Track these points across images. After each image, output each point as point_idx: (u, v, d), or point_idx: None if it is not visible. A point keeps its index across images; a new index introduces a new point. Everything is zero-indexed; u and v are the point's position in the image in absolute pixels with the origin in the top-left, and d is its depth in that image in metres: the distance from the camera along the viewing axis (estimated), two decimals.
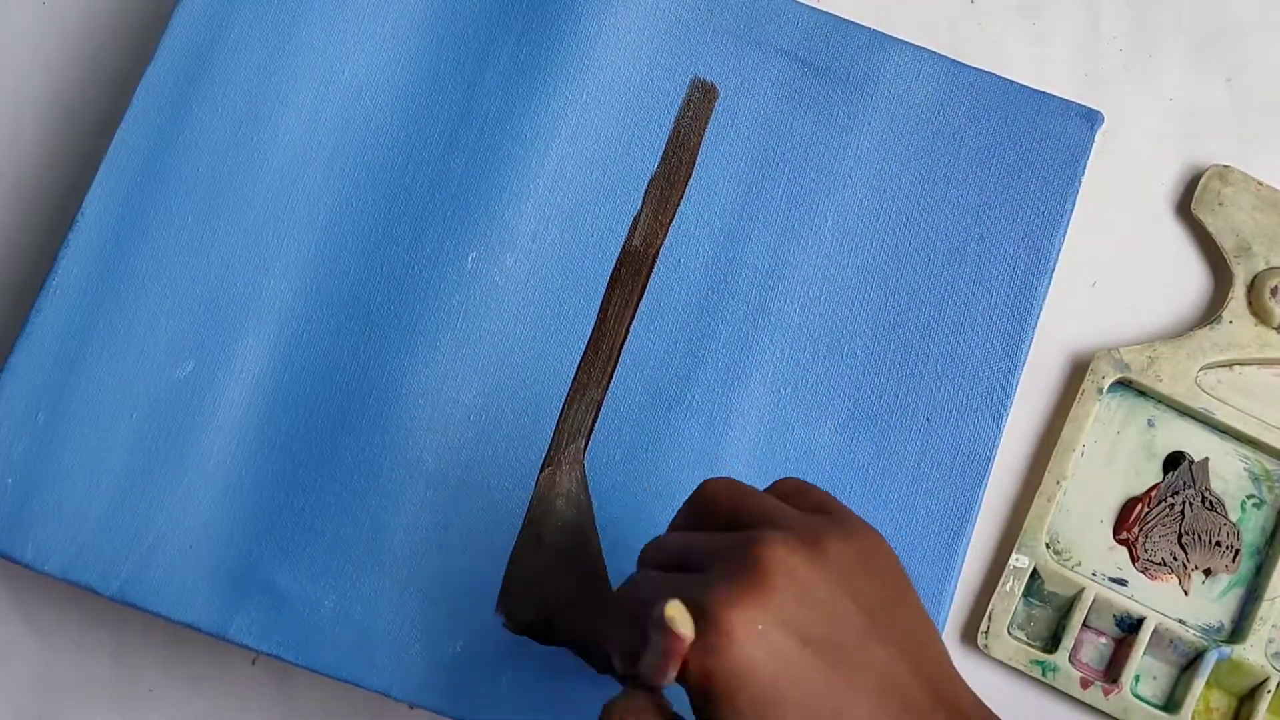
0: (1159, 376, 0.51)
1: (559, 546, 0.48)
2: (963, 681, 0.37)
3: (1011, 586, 0.50)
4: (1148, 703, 0.50)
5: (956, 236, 0.50)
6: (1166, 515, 0.51)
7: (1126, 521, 0.51)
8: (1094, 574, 0.51)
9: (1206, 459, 0.51)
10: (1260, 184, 0.53)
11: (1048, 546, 0.51)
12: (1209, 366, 0.51)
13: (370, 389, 0.49)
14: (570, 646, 0.47)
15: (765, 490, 0.40)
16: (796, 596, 0.35)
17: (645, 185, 0.51)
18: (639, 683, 0.36)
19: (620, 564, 0.47)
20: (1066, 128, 0.51)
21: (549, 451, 0.48)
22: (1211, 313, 0.52)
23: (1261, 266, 0.52)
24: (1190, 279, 0.53)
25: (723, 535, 0.37)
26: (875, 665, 0.35)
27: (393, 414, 0.48)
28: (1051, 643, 0.50)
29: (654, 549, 0.39)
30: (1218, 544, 0.51)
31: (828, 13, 0.52)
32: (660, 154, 0.51)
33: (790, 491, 0.39)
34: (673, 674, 0.34)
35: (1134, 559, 0.51)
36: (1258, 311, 0.51)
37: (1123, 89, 0.55)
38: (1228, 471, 0.51)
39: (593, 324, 0.50)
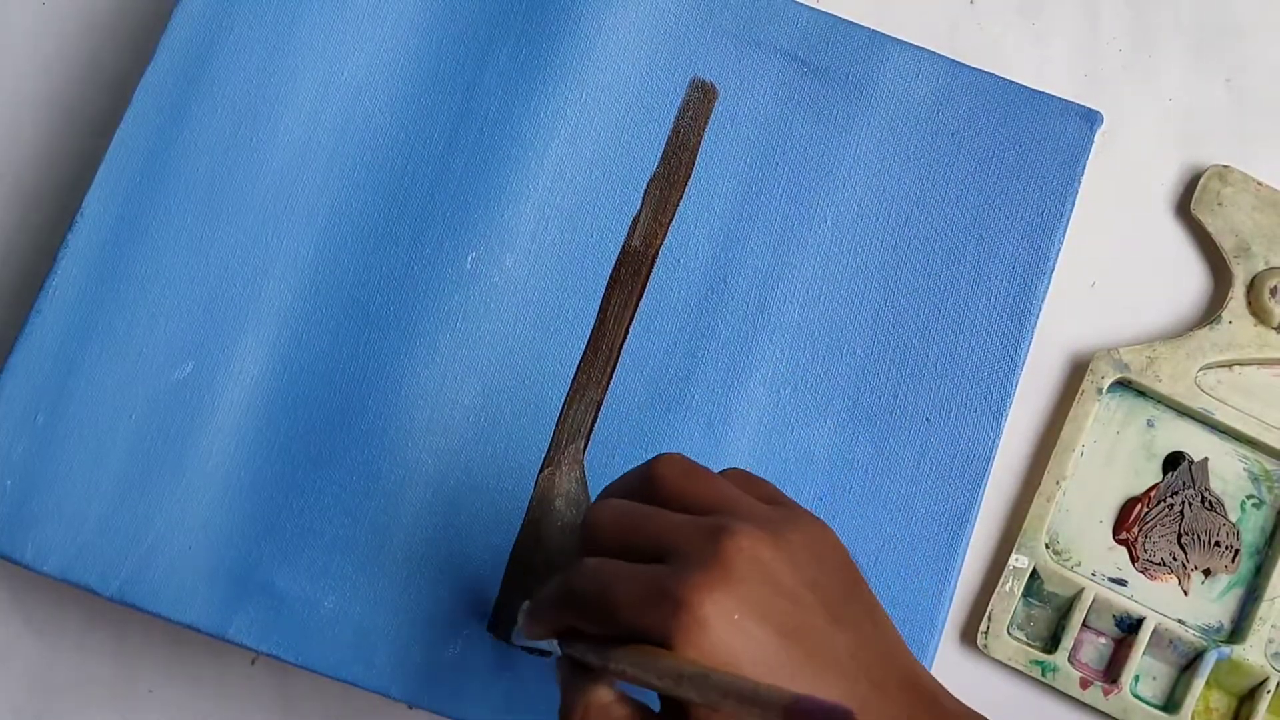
0: (1158, 377, 0.51)
1: (559, 547, 0.48)
2: (919, 664, 0.38)
3: (1011, 586, 0.50)
4: (1147, 703, 0.50)
5: (956, 237, 0.50)
6: (1166, 515, 0.51)
7: (1126, 521, 0.51)
8: (1093, 574, 0.51)
9: (1206, 459, 0.51)
10: (1260, 184, 0.53)
11: (1047, 546, 0.51)
12: (1208, 367, 0.51)
13: (369, 390, 0.49)
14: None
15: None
16: (766, 586, 0.35)
17: (645, 185, 0.51)
18: (577, 660, 0.36)
19: None
20: (1066, 128, 0.51)
21: (549, 452, 0.48)
22: (1211, 313, 0.52)
23: (1261, 267, 0.52)
24: (1190, 279, 0.53)
25: (684, 519, 0.37)
26: (840, 651, 0.36)
27: (392, 415, 0.48)
28: (1051, 643, 0.50)
29: (606, 521, 0.38)
30: (1217, 544, 0.51)
31: (827, 13, 0.52)
32: (660, 154, 0.51)
33: (740, 481, 0.40)
34: None
35: (1133, 559, 0.51)
36: (1257, 312, 0.51)
37: (1122, 89, 0.55)
38: (1227, 471, 0.51)
39: (592, 324, 0.50)
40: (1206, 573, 0.51)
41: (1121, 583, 0.51)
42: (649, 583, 0.35)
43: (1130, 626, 0.50)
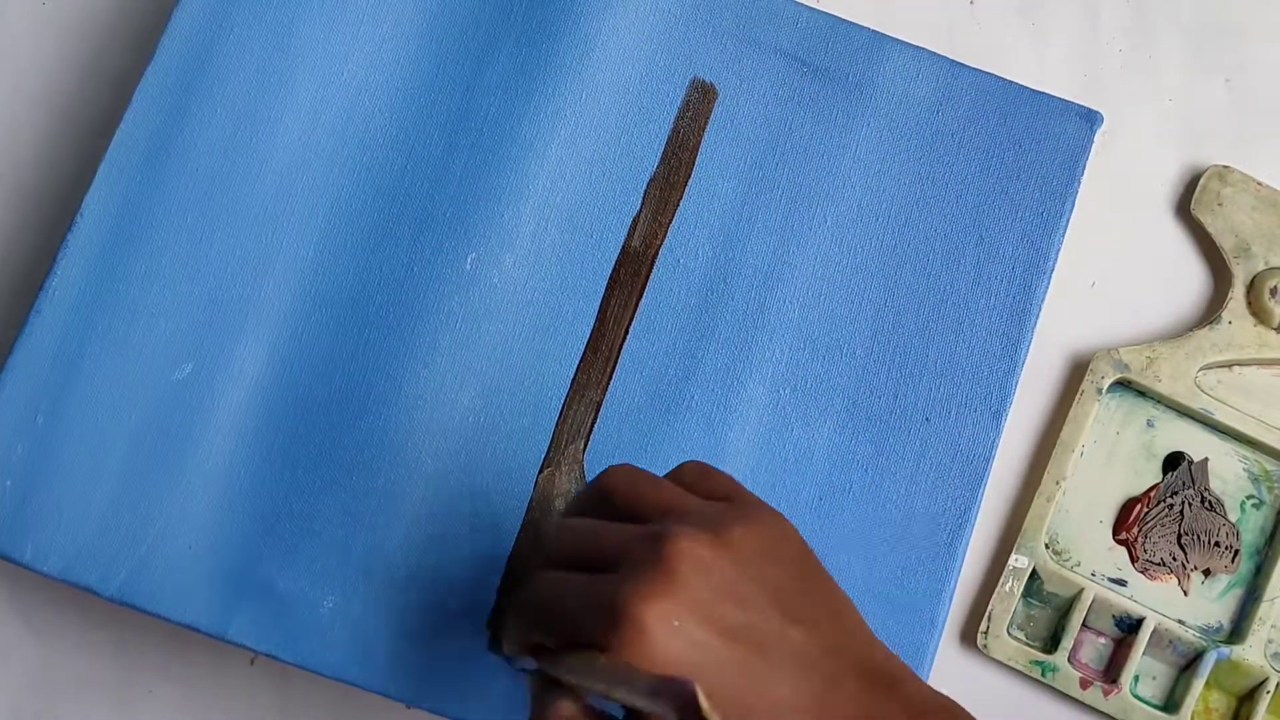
0: (1158, 377, 0.51)
1: None
2: (881, 647, 0.38)
3: (1011, 587, 0.50)
4: (1147, 703, 0.50)
5: (956, 236, 0.50)
6: (1166, 515, 0.51)
7: (1126, 522, 0.51)
8: (1093, 574, 0.51)
9: (1206, 459, 0.51)
10: (1260, 184, 0.53)
11: (1047, 547, 0.51)
12: (1208, 367, 0.51)
13: (369, 390, 0.49)
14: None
15: (667, 475, 0.40)
16: (708, 587, 0.35)
17: (645, 186, 0.51)
18: (545, 674, 0.37)
19: None
20: (1066, 128, 0.51)
21: (548, 452, 0.48)
22: (1211, 313, 0.52)
23: (1261, 267, 0.52)
24: (1189, 279, 0.53)
25: (628, 528, 0.37)
26: (791, 646, 0.36)
27: (392, 415, 0.48)
28: (1051, 643, 0.50)
29: (562, 538, 0.39)
30: (1217, 544, 0.51)
31: (827, 13, 0.52)
32: (660, 154, 0.51)
33: (693, 477, 0.40)
34: None
35: (1133, 559, 0.51)
36: (1257, 312, 0.51)
37: (1122, 89, 0.55)
38: (1227, 472, 0.51)
39: (592, 325, 0.50)
40: (1206, 573, 0.51)
41: (1121, 583, 0.51)
42: (592, 592, 0.36)
43: (1130, 627, 0.50)
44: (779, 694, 0.35)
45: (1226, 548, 0.51)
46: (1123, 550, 0.51)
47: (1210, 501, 0.51)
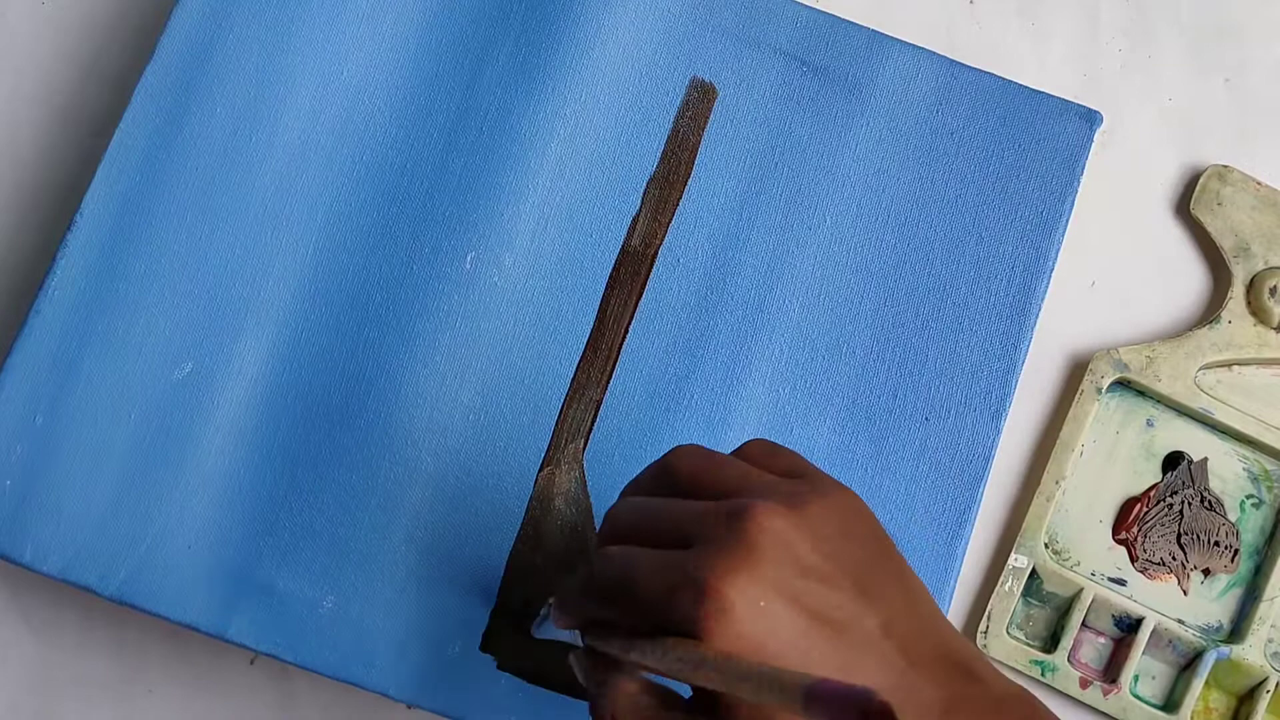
0: (1158, 376, 0.51)
1: (558, 546, 0.48)
2: (952, 629, 0.37)
3: (1010, 586, 0.50)
4: (1147, 703, 0.50)
5: (955, 236, 0.50)
6: (1165, 515, 0.51)
7: (1125, 521, 0.51)
8: (1093, 574, 0.51)
9: (1205, 459, 0.51)
10: (1259, 184, 0.53)
11: (1046, 546, 0.51)
12: (1208, 366, 0.51)
13: (369, 390, 0.49)
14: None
15: (734, 454, 0.39)
16: (791, 566, 0.34)
17: (644, 185, 0.51)
18: (596, 651, 0.36)
19: None
20: (1065, 128, 0.51)
21: (548, 451, 0.48)
22: (1210, 313, 0.52)
23: (1260, 266, 0.52)
24: (1189, 279, 0.53)
25: (704, 505, 0.36)
26: (872, 628, 0.35)
27: (391, 414, 0.48)
28: (1050, 642, 0.50)
29: (626, 517, 0.38)
30: (1216, 544, 0.51)
31: (827, 13, 0.52)
32: (659, 154, 0.51)
33: (760, 454, 0.38)
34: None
35: (1133, 559, 0.51)
36: (1256, 311, 0.51)
37: (1121, 89, 0.55)
38: (1226, 471, 0.51)
39: (592, 324, 0.50)
40: (1206, 572, 0.51)
41: (1121, 582, 0.51)
42: (672, 568, 0.34)
43: (1130, 626, 0.50)
44: (862, 676, 0.34)
45: (1226, 547, 0.51)
46: (1122, 550, 0.51)
47: (1210, 501, 0.51)
